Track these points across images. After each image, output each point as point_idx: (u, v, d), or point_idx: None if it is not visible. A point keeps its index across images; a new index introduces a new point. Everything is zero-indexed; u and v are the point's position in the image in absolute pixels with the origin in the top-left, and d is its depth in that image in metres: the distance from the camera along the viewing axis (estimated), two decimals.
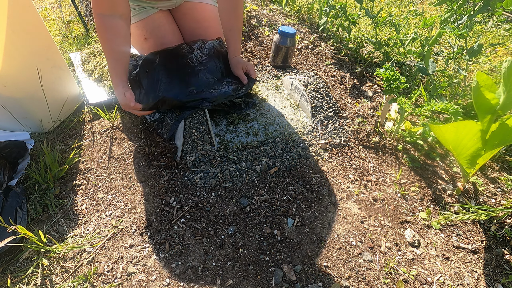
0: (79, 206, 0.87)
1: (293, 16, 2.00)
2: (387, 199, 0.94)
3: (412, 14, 1.61)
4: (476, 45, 1.14)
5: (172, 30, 1.31)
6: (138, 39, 1.26)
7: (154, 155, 1.02)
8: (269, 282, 0.73)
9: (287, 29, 1.38)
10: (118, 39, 0.96)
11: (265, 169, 0.98)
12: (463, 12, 1.17)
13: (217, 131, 1.10)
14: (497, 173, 1.01)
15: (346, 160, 1.05)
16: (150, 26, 1.22)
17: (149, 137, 1.08)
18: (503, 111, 0.79)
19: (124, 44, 0.98)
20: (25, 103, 0.98)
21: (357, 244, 0.81)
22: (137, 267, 0.74)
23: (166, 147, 1.04)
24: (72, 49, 1.49)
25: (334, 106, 1.19)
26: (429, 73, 1.23)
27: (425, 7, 2.33)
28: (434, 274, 0.77)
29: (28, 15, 0.90)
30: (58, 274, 0.72)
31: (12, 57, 0.89)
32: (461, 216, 0.85)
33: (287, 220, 0.85)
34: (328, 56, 1.59)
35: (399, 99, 1.01)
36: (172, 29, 1.30)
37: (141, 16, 1.20)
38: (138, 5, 1.18)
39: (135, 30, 1.22)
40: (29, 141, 1.02)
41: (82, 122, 1.13)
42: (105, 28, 0.94)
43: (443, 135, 0.84)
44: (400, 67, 1.49)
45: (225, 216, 0.85)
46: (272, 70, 1.46)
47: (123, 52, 0.98)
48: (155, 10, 1.22)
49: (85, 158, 1.00)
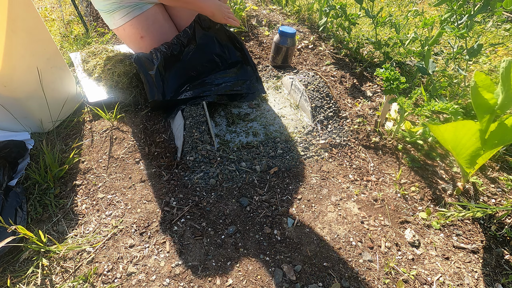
0: (79, 206, 0.87)
1: (293, 16, 2.00)
2: (387, 199, 0.94)
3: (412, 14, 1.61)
4: (476, 45, 1.14)
5: (169, 26, 1.28)
6: (134, 38, 1.23)
7: (154, 155, 1.02)
8: (269, 282, 0.73)
9: (287, 29, 1.38)
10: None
11: (265, 169, 0.98)
12: (463, 12, 1.17)
13: (217, 131, 1.10)
14: (497, 173, 1.01)
15: (346, 160, 1.05)
16: (145, 24, 1.20)
17: (149, 137, 1.08)
18: (501, 111, 0.79)
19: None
20: (25, 103, 0.98)
21: (357, 244, 0.81)
22: (137, 267, 0.74)
23: (166, 147, 1.04)
24: (72, 49, 1.49)
25: (334, 106, 1.19)
26: (429, 73, 1.23)
27: (425, 7, 2.33)
28: (434, 274, 0.77)
29: (28, 15, 0.90)
30: (58, 274, 0.72)
31: (12, 57, 0.89)
32: (456, 213, 0.85)
33: (287, 220, 0.85)
34: (328, 56, 1.59)
35: (399, 99, 1.01)
36: (169, 26, 1.28)
37: (135, 13, 1.17)
38: (130, 2, 1.16)
39: (130, 29, 1.20)
40: (29, 141, 1.02)
41: (82, 122, 1.13)
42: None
43: (442, 135, 0.84)
44: (400, 67, 1.49)
45: (225, 216, 0.85)
46: (272, 70, 1.46)
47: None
48: (149, 5, 1.20)
49: (85, 158, 1.00)
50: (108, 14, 1.18)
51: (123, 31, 1.23)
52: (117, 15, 1.18)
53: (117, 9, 1.17)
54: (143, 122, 1.14)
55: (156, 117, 1.15)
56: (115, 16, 1.18)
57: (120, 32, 1.24)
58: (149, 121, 1.14)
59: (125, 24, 1.20)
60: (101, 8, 1.17)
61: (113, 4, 1.15)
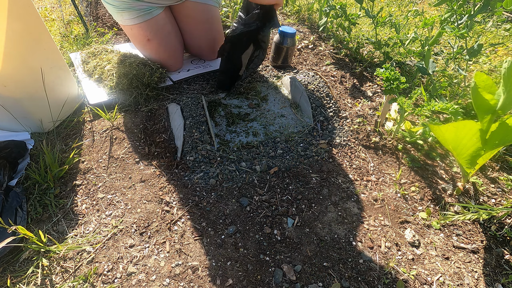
0: (79, 206, 0.87)
1: (293, 16, 2.00)
2: (387, 199, 0.94)
3: (412, 14, 1.61)
4: (476, 45, 1.14)
5: (175, 31, 1.31)
6: (141, 40, 1.26)
7: (154, 155, 1.02)
8: (269, 282, 0.73)
9: (287, 29, 1.38)
10: None
11: (265, 169, 0.98)
12: (463, 12, 1.17)
13: (217, 131, 1.10)
14: (497, 173, 1.01)
15: (346, 160, 1.05)
16: (153, 28, 1.23)
17: (149, 137, 1.08)
18: (503, 111, 0.79)
19: None
20: (25, 103, 0.98)
21: (357, 244, 0.81)
22: (137, 267, 0.74)
23: (166, 147, 1.04)
24: (72, 49, 1.49)
25: (334, 106, 1.19)
26: (429, 73, 1.23)
27: (425, 7, 2.33)
28: (434, 274, 0.77)
29: (28, 15, 0.90)
30: (58, 274, 0.72)
31: (12, 57, 0.89)
32: (463, 216, 0.85)
33: (287, 220, 0.85)
34: (328, 56, 1.59)
35: (399, 99, 1.01)
36: (174, 31, 1.31)
37: (145, 18, 1.20)
38: (141, 5, 1.18)
39: (139, 30, 1.22)
40: (29, 141, 1.02)
41: (82, 122, 1.13)
42: None
43: (442, 135, 0.84)
44: (400, 67, 1.49)
45: (225, 216, 0.85)
46: (272, 70, 1.46)
47: None
48: (159, 11, 1.22)
49: (85, 158, 1.00)
50: (117, 11, 1.19)
51: (130, 30, 1.25)
52: (126, 15, 1.19)
53: (126, 9, 1.18)
54: (143, 122, 1.14)
55: (156, 117, 1.15)
56: (124, 15, 1.20)
57: (127, 30, 1.26)
58: (149, 121, 1.14)
59: (133, 25, 1.21)
60: (110, 3, 1.18)
61: (123, 3, 1.16)
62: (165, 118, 1.14)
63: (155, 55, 1.30)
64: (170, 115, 1.13)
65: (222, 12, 1.81)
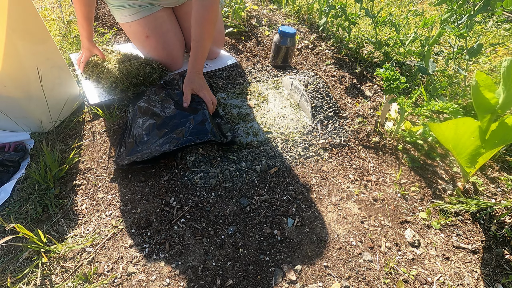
0: (79, 206, 0.87)
1: (293, 16, 2.00)
2: (387, 199, 0.94)
3: (412, 14, 1.61)
4: (476, 45, 1.14)
5: (174, 29, 1.30)
6: (139, 37, 1.26)
7: None
8: (269, 282, 0.73)
9: (287, 29, 1.38)
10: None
11: (265, 169, 0.98)
12: (463, 12, 1.17)
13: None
14: (497, 173, 1.01)
15: (346, 160, 1.05)
16: (152, 24, 1.22)
17: None
18: (502, 111, 0.79)
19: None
20: (25, 103, 0.98)
21: (357, 244, 0.81)
22: (137, 267, 0.74)
23: None
24: (72, 49, 1.49)
25: (334, 106, 1.19)
26: (429, 73, 1.23)
27: (425, 7, 2.33)
28: (434, 274, 0.77)
29: (28, 15, 0.90)
30: (58, 274, 0.72)
31: (12, 57, 0.89)
32: (451, 206, 0.86)
33: (287, 220, 0.85)
34: (328, 56, 1.59)
35: (399, 99, 1.01)
36: (174, 28, 1.30)
37: (144, 14, 1.19)
38: (141, 2, 1.18)
39: (137, 27, 1.22)
40: (29, 141, 1.02)
41: (82, 122, 1.13)
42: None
43: (443, 133, 0.84)
44: (400, 67, 1.49)
45: (225, 216, 0.85)
46: (272, 70, 1.46)
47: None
48: (158, 8, 1.22)
49: (85, 158, 1.00)
50: (117, 8, 1.19)
51: (129, 28, 1.25)
52: (126, 12, 1.19)
53: (126, 6, 1.18)
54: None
55: None
56: (124, 13, 1.20)
57: (126, 27, 1.26)
58: None
59: (132, 22, 1.21)
60: (110, 2, 1.18)
61: (123, 1, 1.16)
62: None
63: (154, 53, 1.29)
64: None
65: (222, 12, 1.81)
